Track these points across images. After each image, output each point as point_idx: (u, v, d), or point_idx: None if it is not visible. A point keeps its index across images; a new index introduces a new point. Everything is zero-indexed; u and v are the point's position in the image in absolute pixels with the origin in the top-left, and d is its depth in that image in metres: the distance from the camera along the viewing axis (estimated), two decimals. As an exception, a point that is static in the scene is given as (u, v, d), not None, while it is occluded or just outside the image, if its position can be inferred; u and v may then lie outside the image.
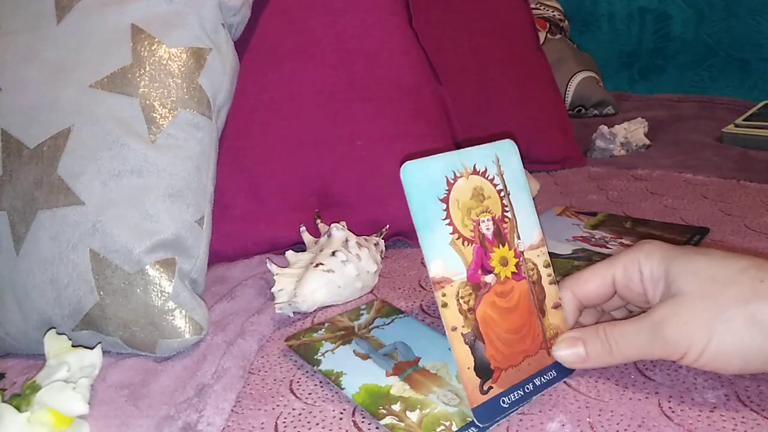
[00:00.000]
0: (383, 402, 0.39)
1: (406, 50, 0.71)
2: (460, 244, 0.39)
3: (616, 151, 1.00)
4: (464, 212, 0.40)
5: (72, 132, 0.49)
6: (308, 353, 0.45)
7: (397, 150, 0.67)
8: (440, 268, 0.38)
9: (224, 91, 0.57)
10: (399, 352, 0.44)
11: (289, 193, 0.65)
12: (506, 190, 0.42)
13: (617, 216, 0.71)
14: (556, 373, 0.40)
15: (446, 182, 0.39)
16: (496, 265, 0.40)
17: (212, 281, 0.59)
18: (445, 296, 0.38)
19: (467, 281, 0.39)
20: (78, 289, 0.46)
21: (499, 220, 0.41)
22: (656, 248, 0.39)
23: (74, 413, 0.38)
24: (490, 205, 0.41)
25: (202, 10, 0.56)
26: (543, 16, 1.43)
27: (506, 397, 0.38)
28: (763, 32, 1.39)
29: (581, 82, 1.31)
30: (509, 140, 0.43)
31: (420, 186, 0.38)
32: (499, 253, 0.40)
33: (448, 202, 0.39)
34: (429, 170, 0.39)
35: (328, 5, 0.69)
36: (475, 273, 0.39)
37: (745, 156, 0.93)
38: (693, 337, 0.35)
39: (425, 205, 0.38)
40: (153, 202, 0.48)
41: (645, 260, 0.39)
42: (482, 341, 0.38)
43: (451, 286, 0.38)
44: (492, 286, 0.39)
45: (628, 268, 0.40)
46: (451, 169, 0.40)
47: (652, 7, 1.53)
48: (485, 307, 0.39)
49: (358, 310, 0.51)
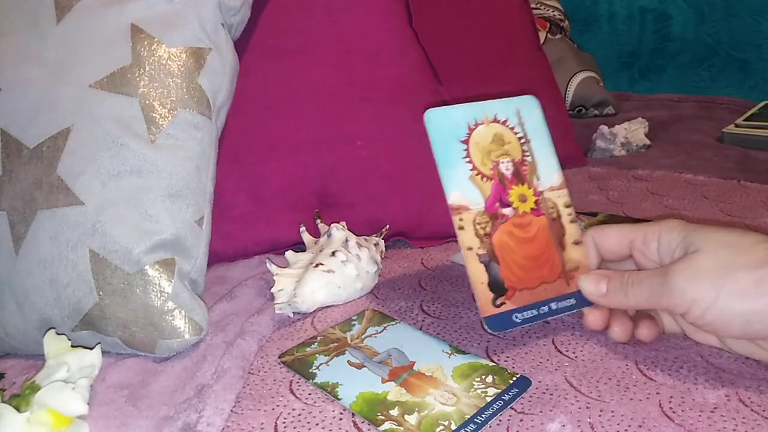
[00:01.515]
0: (381, 408, 0.39)
1: (406, 50, 0.71)
2: (479, 179, 0.42)
3: (617, 151, 1.00)
4: (484, 154, 0.43)
5: (71, 132, 0.49)
6: (302, 368, 0.44)
7: (397, 150, 0.67)
8: (458, 197, 0.41)
9: (224, 91, 0.57)
10: (393, 359, 0.44)
11: (289, 193, 0.65)
12: (526, 138, 0.45)
13: (617, 216, 0.71)
14: (575, 301, 0.42)
15: (467, 127, 0.44)
16: (515, 200, 0.43)
17: (212, 281, 0.59)
18: (462, 221, 0.41)
19: (485, 211, 0.42)
20: (77, 290, 0.46)
21: (518, 163, 0.44)
22: (678, 223, 0.41)
23: (74, 413, 0.38)
24: (510, 149, 0.44)
25: (201, 10, 0.56)
26: (543, 15, 1.43)
27: (519, 314, 0.40)
28: (763, 32, 1.38)
29: (581, 82, 1.31)
30: (531, 96, 0.47)
31: (442, 129, 0.43)
32: (518, 190, 0.43)
33: (469, 144, 0.43)
34: (451, 117, 0.43)
35: (328, 5, 0.69)
36: (492, 205, 0.42)
37: (745, 156, 0.93)
38: (700, 292, 0.36)
39: (447, 146, 0.42)
40: (152, 202, 0.48)
41: (666, 232, 0.40)
42: (497, 263, 0.41)
43: (468, 213, 0.41)
44: (510, 217, 0.43)
45: (647, 236, 0.41)
46: (473, 117, 0.44)
47: (652, 7, 1.53)
48: (502, 235, 0.42)
49: (350, 321, 0.50)
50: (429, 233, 0.67)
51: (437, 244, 0.67)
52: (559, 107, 0.99)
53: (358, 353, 0.45)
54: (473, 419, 0.37)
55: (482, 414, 0.37)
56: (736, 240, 0.37)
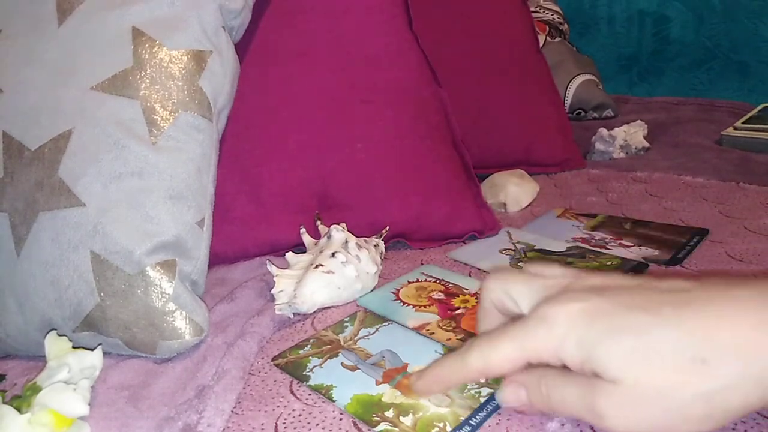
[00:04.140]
0: (376, 410, 0.39)
1: (405, 53, 0.71)
2: (423, 310, 0.52)
3: (616, 153, 1.01)
4: (414, 298, 0.54)
5: (73, 134, 0.49)
6: (296, 370, 0.44)
7: (396, 153, 0.67)
8: (414, 322, 0.50)
9: (225, 94, 0.58)
10: (387, 360, 0.44)
11: (290, 195, 0.65)
12: (438, 278, 0.58)
13: (617, 217, 0.72)
14: None
15: (393, 295, 0.55)
16: (459, 304, 0.53)
17: (212, 283, 0.59)
18: (429, 331, 0.48)
19: (441, 318, 0.50)
20: (79, 291, 0.46)
21: (444, 291, 0.55)
22: (567, 326, 0.30)
23: (75, 414, 0.38)
24: (432, 287, 0.56)
25: (202, 13, 0.56)
26: (542, 19, 1.44)
27: None
28: (762, 35, 1.39)
29: (581, 85, 1.32)
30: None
31: (373, 302, 0.54)
32: (458, 300, 0.53)
33: (399, 297, 0.55)
34: (376, 294, 0.56)
35: (329, 8, 0.69)
36: (444, 312, 0.51)
37: (744, 159, 0.93)
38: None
39: (385, 306, 0.53)
40: (154, 204, 0.49)
41: (561, 346, 0.31)
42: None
43: (430, 326, 0.49)
44: (465, 312, 0.51)
45: (542, 356, 0.32)
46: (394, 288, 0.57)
47: (651, 10, 1.53)
48: (468, 321, 0.49)
49: (342, 323, 0.51)
50: (428, 235, 0.67)
51: (436, 245, 0.67)
52: (558, 110, 0.99)
53: (352, 355, 0.46)
54: (468, 421, 0.37)
55: (477, 415, 0.37)
56: (656, 346, 0.28)
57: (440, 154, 0.70)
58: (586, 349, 0.30)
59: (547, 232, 0.68)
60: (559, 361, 0.31)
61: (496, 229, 0.69)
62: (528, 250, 0.64)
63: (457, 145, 0.73)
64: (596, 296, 0.31)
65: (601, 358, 0.29)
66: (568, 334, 0.30)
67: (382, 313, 0.52)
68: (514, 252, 0.64)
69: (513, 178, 0.80)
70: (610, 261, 0.59)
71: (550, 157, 0.93)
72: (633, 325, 0.29)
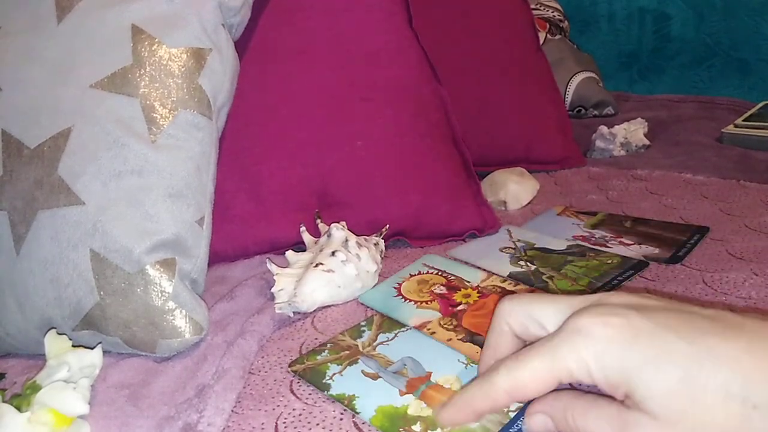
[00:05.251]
0: (402, 423, 0.37)
1: (405, 50, 0.71)
2: (424, 306, 0.52)
3: (616, 151, 1.00)
4: (416, 292, 0.54)
5: (72, 132, 0.49)
6: (315, 378, 0.43)
7: (396, 150, 0.67)
8: (416, 320, 0.50)
9: (224, 92, 0.57)
10: (409, 368, 0.43)
11: (289, 193, 0.65)
12: (440, 270, 0.58)
13: (617, 215, 0.71)
14: None
15: (396, 291, 0.55)
16: (460, 299, 0.53)
17: (212, 281, 0.59)
18: (429, 330, 0.48)
19: (442, 316, 0.50)
20: (78, 289, 0.46)
21: (446, 284, 0.55)
22: (605, 341, 0.27)
23: (74, 413, 0.38)
24: (434, 280, 0.56)
25: (202, 11, 0.56)
26: (543, 16, 1.43)
27: None
28: (762, 33, 1.39)
29: (581, 83, 1.31)
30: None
31: (375, 299, 0.54)
32: (459, 294, 0.53)
33: (401, 292, 0.55)
34: (378, 290, 0.57)
35: (328, 6, 0.69)
36: (446, 309, 0.51)
37: (745, 156, 0.93)
38: None
39: (386, 303, 0.53)
40: (153, 202, 0.48)
41: (597, 363, 0.28)
42: (479, 335, 0.46)
43: (432, 323, 0.49)
44: (467, 308, 0.51)
45: (574, 374, 0.29)
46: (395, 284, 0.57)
47: (651, 7, 1.53)
48: (469, 318, 0.49)
49: (359, 327, 0.50)
50: (428, 233, 0.67)
51: (436, 243, 0.67)
52: (558, 108, 0.99)
53: (372, 362, 0.44)
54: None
55: (507, 430, 0.36)
56: (695, 389, 0.25)
57: (440, 151, 0.70)
58: (626, 373, 0.27)
59: (548, 230, 0.68)
60: (591, 380, 0.28)
61: (496, 227, 0.69)
62: (528, 248, 0.63)
63: (457, 143, 0.72)
64: (636, 313, 0.28)
65: (641, 386, 0.26)
66: (607, 350, 0.27)
67: (384, 310, 0.52)
68: (514, 250, 0.64)
69: (513, 176, 0.80)
70: (610, 259, 0.59)
71: (550, 154, 0.93)
72: (679, 354, 0.26)
